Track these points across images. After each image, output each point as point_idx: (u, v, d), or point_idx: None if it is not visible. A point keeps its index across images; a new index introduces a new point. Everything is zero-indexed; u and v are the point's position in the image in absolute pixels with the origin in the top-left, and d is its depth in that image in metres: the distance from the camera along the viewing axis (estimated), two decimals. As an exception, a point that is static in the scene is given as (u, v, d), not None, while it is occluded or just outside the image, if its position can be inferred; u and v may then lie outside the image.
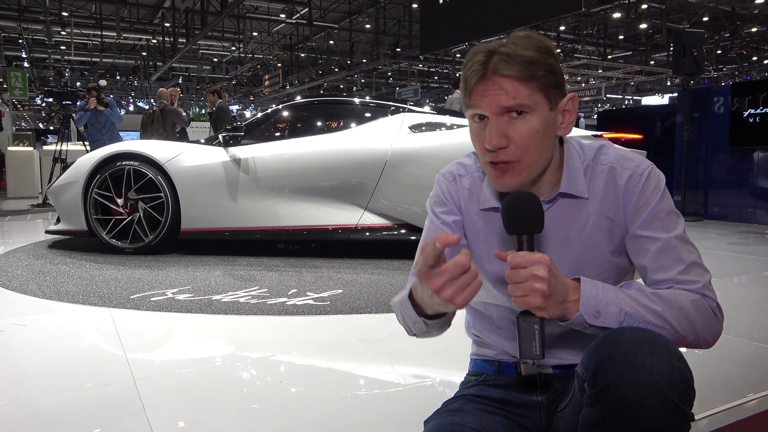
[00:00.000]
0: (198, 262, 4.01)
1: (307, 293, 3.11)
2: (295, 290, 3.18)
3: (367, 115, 4.48)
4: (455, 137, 4.11)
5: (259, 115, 4.78)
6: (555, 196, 1.05)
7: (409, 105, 4.48)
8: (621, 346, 0.82)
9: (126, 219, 4.30)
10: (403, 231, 4.13)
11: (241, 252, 4.38)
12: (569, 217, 1.06)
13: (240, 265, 3.92)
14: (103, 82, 7.57)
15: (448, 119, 4.30)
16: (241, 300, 2.95)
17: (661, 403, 0.78)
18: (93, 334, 2.52)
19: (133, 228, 4.29)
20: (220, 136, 4.38)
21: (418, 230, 4.07)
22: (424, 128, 4.23)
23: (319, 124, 4.80)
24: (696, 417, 0.89)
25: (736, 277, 3.67)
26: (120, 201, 4.28)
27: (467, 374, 1.24)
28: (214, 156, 4.30)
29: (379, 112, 4.42)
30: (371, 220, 4.14)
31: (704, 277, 0.99)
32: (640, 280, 1.03)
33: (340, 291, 3.17)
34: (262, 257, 4.21)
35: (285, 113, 4.78)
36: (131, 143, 4.71)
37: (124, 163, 4.30)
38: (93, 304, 2.89)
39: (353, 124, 4.43)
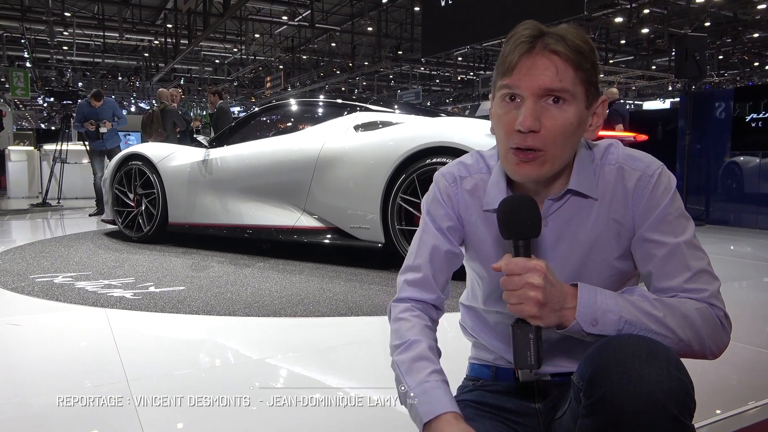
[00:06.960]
0: (157, 252, 4.31)
1: (150, 288, 3.12)
2: (151, 283, 3.23)
3: (324, 115, 4.43)
4: (384, 135, 3.79)
5: (240, 117, 5.01)
6: (563, 194, 1.00)
7: (369, 104, 4.24)
8: (618, 354, 0.79)
9: (134, 211, 4.81)
10: (329, 236, 3.90)
11: (232, 247, 4.51)
12: (579, 219, 1.01)
13: (184, 256, 4.12)
14: (103, 129, 7.49)
15: (400, 117, 3.98)
16: (91, 287, 3.09)
17: (659, 414, 0.75)
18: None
19: (137, 220, 4.79)
20: (201, 138, 4.72)
21: (347, 236, 3.85)
22: (380, 126, 3.93)
23: (284, 125, 4.92)
24: (696, 426, 0.86)
25: (737, 282, 3.64)
26: (131, 196, 4.83)
27: (465, 378, 1.22)
28: (192, 156, 4.62)
29: (336, 112, 4.31)
30: (307, 222, 3.99)
31: (712, 286, 0.95)
32: (644, 286, 0.99)
33: (183, 288, 3.12)
34: (235, 254, 4.28)
35: (262, 115, 4.97)
36: (142, 146, 5.14)
37: (132, 162, 4.82)
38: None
39: (309, 125, 4.38)
